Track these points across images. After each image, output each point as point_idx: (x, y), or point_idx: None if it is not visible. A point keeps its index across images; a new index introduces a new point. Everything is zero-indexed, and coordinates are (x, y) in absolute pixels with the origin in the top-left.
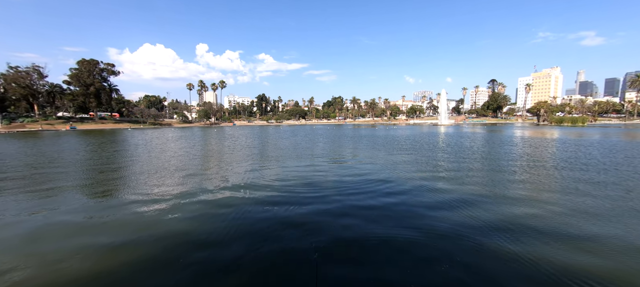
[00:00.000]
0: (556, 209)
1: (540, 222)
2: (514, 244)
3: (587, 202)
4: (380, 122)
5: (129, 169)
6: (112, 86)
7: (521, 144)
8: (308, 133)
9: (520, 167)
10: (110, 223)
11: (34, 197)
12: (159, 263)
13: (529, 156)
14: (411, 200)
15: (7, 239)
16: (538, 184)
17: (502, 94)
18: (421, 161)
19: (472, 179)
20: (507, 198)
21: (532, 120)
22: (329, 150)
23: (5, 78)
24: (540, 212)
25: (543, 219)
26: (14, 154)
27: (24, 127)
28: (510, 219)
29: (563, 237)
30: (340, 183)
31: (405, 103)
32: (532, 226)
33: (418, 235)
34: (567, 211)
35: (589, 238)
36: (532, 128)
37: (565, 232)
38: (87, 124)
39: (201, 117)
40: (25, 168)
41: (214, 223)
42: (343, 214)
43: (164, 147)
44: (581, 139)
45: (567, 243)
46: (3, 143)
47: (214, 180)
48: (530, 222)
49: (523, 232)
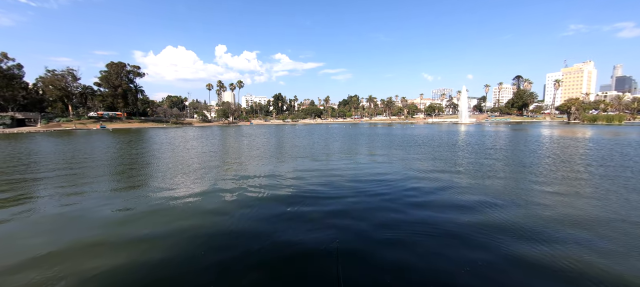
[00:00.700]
0: (584, 214)
1: (564, 228)
2: (530, 248)
3: (621, 209)
4: (397, 121)
5: (157, 165)
6: (137, 87)
7: (548, 143)
8: (324, 132)
9: (546, 167)
10: (138, 215)
11: (72, 191)
12: (182, 256)
13: (557, 156)
14: (427, 200)
15: (46, 229)
16: (564, 186)
17: (528, 91)
18: (439, 160)
19: (491, 181)
20: (526, 201)
21: (561, 118)
22: (345, 149)
23: (43, 81)
24: (566, 217)
25: (568, 225)
26: (56, 150)
27: (60, 126)
28: (526, 223)
29: (596, 246)
30: (357, 182)
31: (423, 101)
32: (554, 231)
33: (433, 236)
34: (599, 217)
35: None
36: (561, 127)
37: (597, 240)
38: (116, 124)
39: (220, 116)
40: (66, 163)
41: (236, 218)
42: (359, 214)
43: (187, 146)
44: (617, 138)
45: (599, 252)
46: (44, 141)
47: (234, 177)
48: (552, 227)
49: (541, 238)
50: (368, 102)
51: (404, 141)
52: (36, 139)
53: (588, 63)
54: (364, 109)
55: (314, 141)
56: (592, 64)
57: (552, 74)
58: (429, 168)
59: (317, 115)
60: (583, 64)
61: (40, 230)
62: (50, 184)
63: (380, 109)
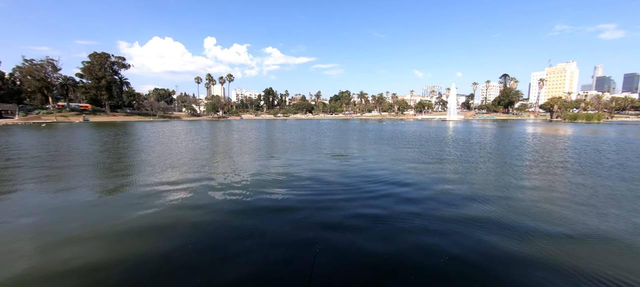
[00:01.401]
0: (557, 207)
1: (538, 218)
2: (507, 240)
3: (591, 200)
4: (388, 117)
5: (143, 161)
6: (122, 79)
7: (531, 140)
8: (315, 127)
9: (527, 164)
10: (122, 211)
11: (50, 188)
12: (165, 251)
13: (537, 152)
14: (413, 194)
15: (27, 225)
16: (542, 180)
17: (514, 90)
18: (426, 156)
19: (475, 176)
20: (506, 195)
21: (544, 116)
22: (336, 145)
23: (21, 71)
24: (540, 209)
25: (542, 216)
26: (34, 144)
27: (40, 119)
28: (505, 215)
29: (564, 235)
30: (346, 178)
31: (413, 98)
32: (529, 222)
33: (416, 231)
34: (570, 208)
35: (588, 236)
36: (544, 125)
37: (564, 229)
38: (99, 116)
39: (209, 110)
40: (45, 159)
41: (221, 215)
42: (347, 208)
43: (175, 140)
44: (595, 136)
45: (569, 241)
46: (21, 134)
47: (222, 173)
48: (527, 218)
49: (518, 229)
50: (359, 98)
51: (393, 137)
52: (13, 132)
53: (571, 63)
54: (355, 105)
55: (305, 136)
56: (574, 64)
57: (537, 73)
58: (416, 164)
59: (308, 110)
60: (566, 64)
61: (22, 224)
62: (30, 179)
63: (371, 105)
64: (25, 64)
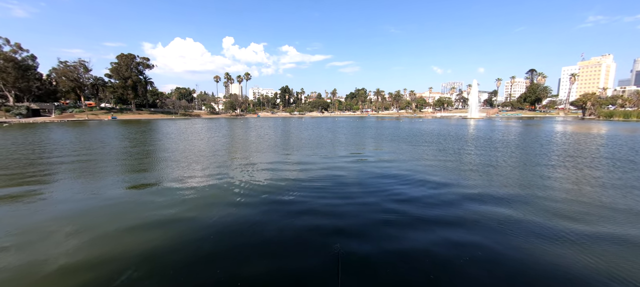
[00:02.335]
0: (591, 216)
1: (564, 219)
2: (533, 242)
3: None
4: (405, 115)
5: (168, 156)
6: (147, 79)
7: (560, 139)
8: (330, 125)
9: (556, 165)
10: (148, 205)
11: (85, 178)
12: (189, 243)
13: (567, 153)
14: (432, 198)
15: (63, 215)
16: (568, 181)
17: (542, 85)
18: (445, 154)
19: (495, 179)
20: (532, 197)
21: (576, 114)
22: (352, 143)
23: (56, 72)
24: (567, 210)
25: (568, 217)
26: (70, 140)
27: (73, 117)
28: (531, 217)
29: (591, 238)
30: (363, 177)
31: (432, 95)
32: (557, 229)
33: (433, 234)
34: (605, 217)
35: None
36: (575, 123)
37: (591, 230)
38: (126, 115)
39: (227, 108)
40: (78, 153)
41: (241, 210)
42: (362, 209)
43: (197, 137)
44: (633, 135)
45: (605, 250)
46: (59, 131)
47: (241, 169)
48: (555, 225)
49: (546, 230)
50: (376, 95)
51: (411, 135)
52: (52, 129)
53: (607, 56)
54: (371, 103)
55: (321, 134)
56: (611, 57)
57: (568, 68)
58: (435, 163)
59: (324, 108)
60: (601, 58)
61: (57, 214)
62: (70, 171)
63: (388, 103)
64: (60, 66)
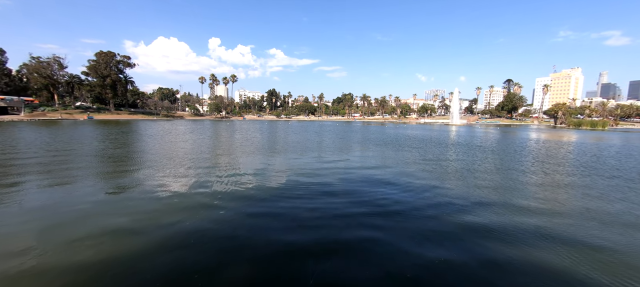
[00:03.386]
0: (559, 216)
1: (537, 226)
2: (504, 246)
3: (594, 209)
4: (390, 120)
5: (145, 160)
6: (127, 78)
7: (534, 146)
8: (317, 129)
9: (528, 169)
10: (123, 208)
11: (55, 182)
12: (165, 247)
13: (540, 157)
14: (411, 199)
15: (29, 220)
16: (542, 186)
17: (518, 95)
18: (429, 161)
19: (475, 181)
20: (508, 203)
21: (548, 122)
22: (338, 147)
23: (27, 68)
24: (541, 217)
25: (541, 224)
26: (38, 141)
27: (45, 116)
28: (505, 222)
29: (566, 243)
30: (345, 184)
31: (416, 101)
32: (530, 229)
33: (414, 232)
34: (572, 217)
35: (594, 246)
36: (548, 131)
37: (568, 238)
38: (104, 115)
39: (212, 110)
40: (49, 154)
41: (217, 219)
42: (343, 222)
43: (177, 139)
44: (599, 143)
45: (571, 249)
46: (26, 130)
47: (223, 174)
48: (527, 225)
49: (516, 235)
50: (362, 100)
51: (396, 140)
52: (19, 128)
53: (576, 69)
54: (357, 108)
55: (307, 138)
56: (579, 70)
57: (542, 79)
58: (418, 168)
59: (310, 112)
60: (571, 70)
61: (26, 219)
62: (35, 175)
63: (374, 108)
64: (32, 62)
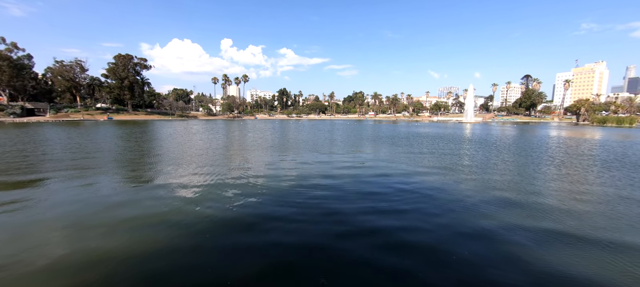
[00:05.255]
0: (584, 219)
1: (559, 228)
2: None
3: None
4: (402, 119)
5: (162, 158)
6: (144, 79)
7: (555, 145)
8: (328, 128)
9: (550, 168)
10: (140, 205)
11: (80, 178)
12: (182, 244)
13: (566, 158)
14: (425, 202)
15: (52, 216)
16: (565, 188)
17: (537, 91)
18: (442, 158)
19: (488, 181)
20: (528, 199)
21: (570, 119)
22: (349, 146)
23: (52, 71)
24: (563, 221)
25: (566, 228)
26: (65, 140)
27: (68, 117)
28: (527, 221)
29: (590, 247)
30: (359, 184)
31: (429, 99)
32: (552, 231)
33: (425, 236)
34: (599, 219)
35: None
36: (569, 128)
37: (595, 241)
38: (122, 115)
39: (225, 110)
40: (74, 154)
41: (232, 213)
42: (358, 212)
43: (192, 138)
44: (624, 141)
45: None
46: (52, 131)
47: (236, 172)
48: (546, 227)
49: (541, 240)
50: (373, 99)
51: (409, 139)
52: (46, 129)
53: (600, 63)
54: (369, 106)
55: (318, 137)
56: (604, 64)
57: (563, 74)
58: (432, 165)
59: (321, 111)
60: (595, 64)
61: (49, 216)
62: (60, 173)
63: (385, 106)
64: (56, 65)
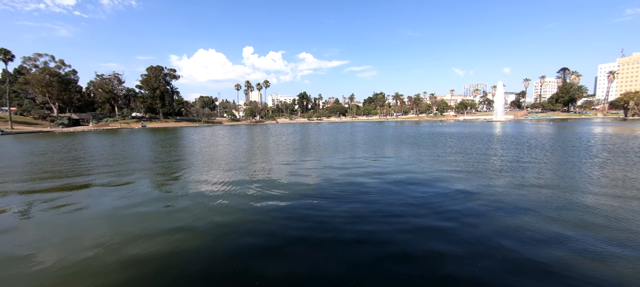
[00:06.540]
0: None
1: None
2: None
3: None
4: (426, 119)
5: (194, 162)
6: (173, 89)
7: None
8: (349, 130)
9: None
10: (176, 209)
11: (120, 183)
12: (212, 247)
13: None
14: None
15: (91, 218)
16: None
17: (576, 85)
18: (471, 158)
19: (522, 183)
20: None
21: (616, 114)
22: (370, 147)
23: (94, 84)
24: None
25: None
26: (106, 146)
27: (108, 126)
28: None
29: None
30: (380, 187)
31: (454, 98)
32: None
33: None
34: None
35: None
36: (617, 124)
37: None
38: (155, 123)
39: (247, 115)
40: (113, 160)
41: (262, 219)
42: (382, 222)
43: (220, 143)
44: None
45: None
46: (97, 139)
47: (259, 176)
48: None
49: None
50: (394, 99)
51: (433, 141)
52: (89, 137)
53: None
54: (390, 107)
55: (339, 140)
56: None
57: (605, 65)
58: (460, 169)
59: (341, 113)
60: None
61: (86, 215)
62: (100, 177)
63: (407, 107)
64: (97, 79)
